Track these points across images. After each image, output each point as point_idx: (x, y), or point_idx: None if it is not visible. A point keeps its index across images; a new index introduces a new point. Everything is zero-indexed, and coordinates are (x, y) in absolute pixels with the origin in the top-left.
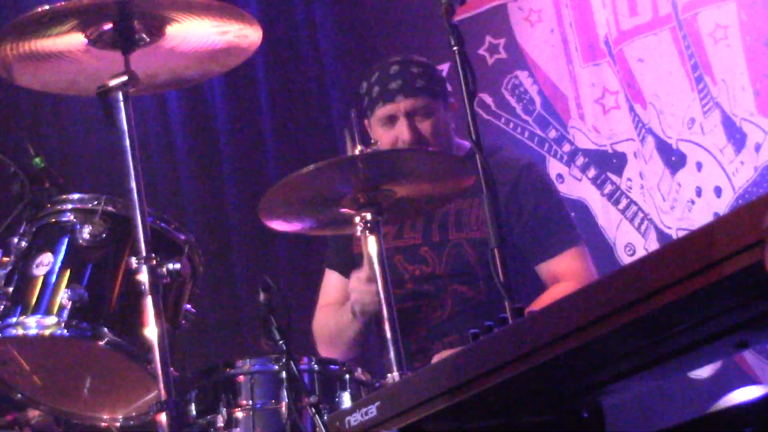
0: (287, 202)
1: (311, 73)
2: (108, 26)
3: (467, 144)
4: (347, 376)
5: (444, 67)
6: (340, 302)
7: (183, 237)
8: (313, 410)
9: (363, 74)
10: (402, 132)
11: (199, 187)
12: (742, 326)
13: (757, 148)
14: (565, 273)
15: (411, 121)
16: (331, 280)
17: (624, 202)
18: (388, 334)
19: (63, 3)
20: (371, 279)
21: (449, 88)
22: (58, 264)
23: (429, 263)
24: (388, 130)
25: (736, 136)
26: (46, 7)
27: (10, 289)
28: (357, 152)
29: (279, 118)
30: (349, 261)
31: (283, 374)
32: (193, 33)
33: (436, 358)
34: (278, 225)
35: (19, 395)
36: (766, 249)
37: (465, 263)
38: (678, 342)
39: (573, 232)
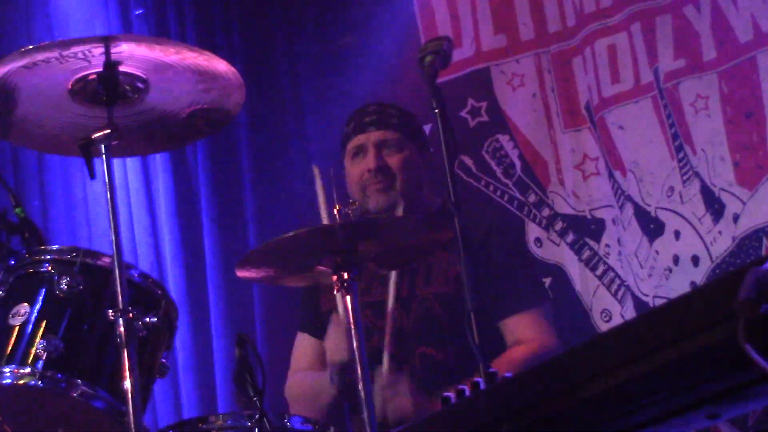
0: (265, 263)
1: (293, 131)
2: (92, 77)
3: (438, 201)
4: None
5: (426, 129)
6: (312, 365)
7: (160, 291)
8: None
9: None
10: (368, 162)
11: (178, 241)
12: (715, 398)
13: (735, 218)
14: (525, 333)
15: (379, 152)
16: (303, 343)
17: (601, 268)
18: (362, 395)
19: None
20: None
21: (428, 142)
22: (35, 314)
23: (397, 318)
24: (357, 162)
25: (714, 206)
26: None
27: None
28: (335, 211)
29: (259, 175)
30: (317, 319)
31: (256, 431)
32: (177, 89)
33: None
34: (253, 274)
35: None
36: (740, 323)
37: (433, 320)
38: (650, 413)
39: (538, 291)
